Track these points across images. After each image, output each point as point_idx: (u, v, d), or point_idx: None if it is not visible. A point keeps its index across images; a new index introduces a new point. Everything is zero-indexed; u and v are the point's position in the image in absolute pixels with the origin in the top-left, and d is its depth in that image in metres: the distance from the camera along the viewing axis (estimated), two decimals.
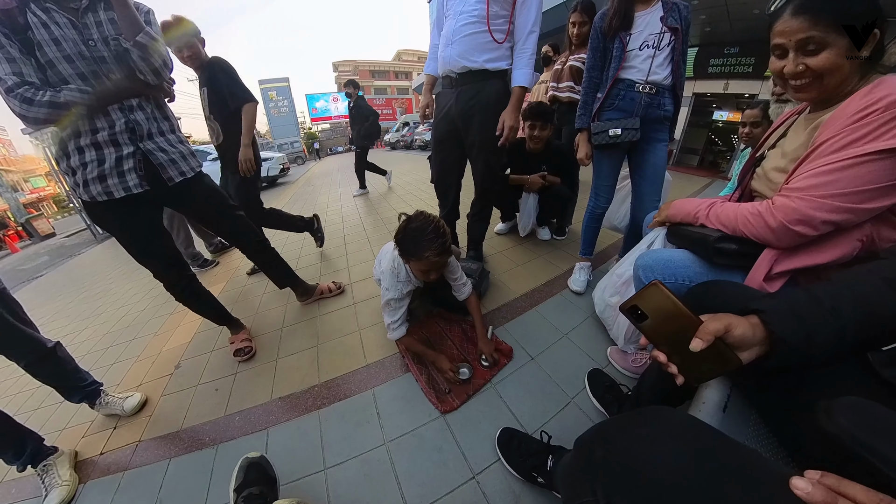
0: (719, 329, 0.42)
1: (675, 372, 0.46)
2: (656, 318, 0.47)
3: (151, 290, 2.36)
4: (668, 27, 1.18)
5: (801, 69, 0.60)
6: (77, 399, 1.17)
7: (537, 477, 0.76)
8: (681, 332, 0.45)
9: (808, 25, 0.57)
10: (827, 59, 0.57)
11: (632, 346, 1.14)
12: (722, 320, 0.43)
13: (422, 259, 1.00)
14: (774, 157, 0.78)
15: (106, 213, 1.08)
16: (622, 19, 1.21)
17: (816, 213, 0.59)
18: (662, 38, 1.20)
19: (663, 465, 0.35)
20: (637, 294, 0.48)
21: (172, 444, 1.06)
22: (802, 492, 0.28)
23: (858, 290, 0.45)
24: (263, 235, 1.52)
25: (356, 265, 2.16)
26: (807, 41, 0.58)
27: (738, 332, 0.43)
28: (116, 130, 1.01)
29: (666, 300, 0.46)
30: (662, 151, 1.36)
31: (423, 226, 1.00)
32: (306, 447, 0.97)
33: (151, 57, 1.01)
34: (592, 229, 1.62)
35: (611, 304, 1.22)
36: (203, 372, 1.38)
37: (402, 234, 1.02)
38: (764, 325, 0.44)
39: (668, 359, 0.47)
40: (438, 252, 0.99)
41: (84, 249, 5.47)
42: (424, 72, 1.65)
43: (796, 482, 0.29)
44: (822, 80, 0.60)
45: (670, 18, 1.17)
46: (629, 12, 1.21)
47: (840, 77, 0.59)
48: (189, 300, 1.34)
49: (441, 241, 0.99)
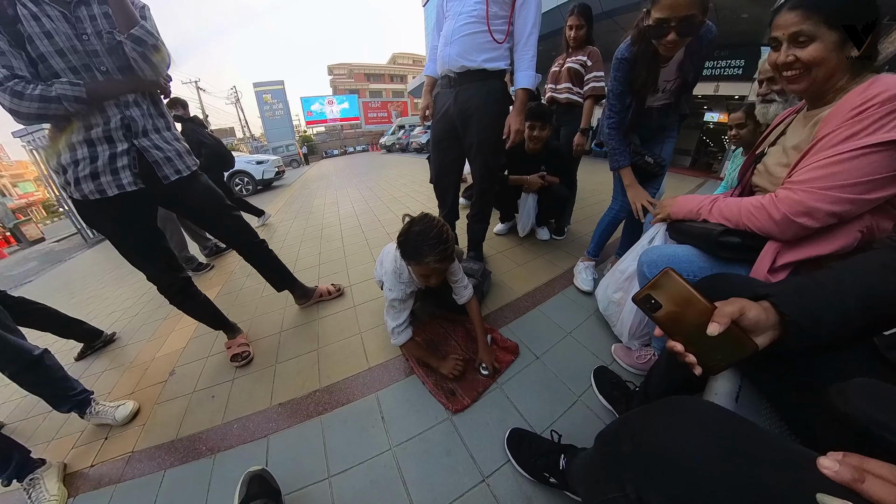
0: (734, 312, 0.43)
1: (692, 362, 0.46)
2: (670, 306, 0.47)
3: (144, 294, 2.30)
4: (682, 75, 1.17)
5: (791, 59, 0.64)
6: (66, 409, 1.13)
7: (549, 477, 0.75)
8: (696, 319, 0.45)
9: (800, 19, 0.61)
10: (815, 50, 0.61)
11: (636, 342, 1.13)
12: (736, 304, 0.44)
13: (422, 264, 0.98)
14: (776, 153, 0.80)
15: (98, 212, 1.05)
16: (652, 79, 1.16)
17: (819, 204, 0.61)
18: (675, 83, 1.20)
19: (694, 455, 0.34)
20: (650, 283, 0.49)
21: (167, 455, 1.02)
22: (830, 471, 0.29)
23: (860, 275, 0.47)
24: (259, 237, 1.48)
25: (355, 267, 2.14)
26: (798, 34, 0.62)
27: (752, 315, 0.44)
28: (111, 127, 0.98)
29: (679, 287, 0.47)
30: (670, 147, 1.39)
31: (426, 230, 0.98)
32: (309, 455, 0.93)
33: (147, 51, 0.98)
34: (608, 233, 1.62)
35: (614, 300, 1.21)
36: (199, 378, 1.34)
37: (405, 236, 1.00)
38: (775, 309, 0.45)
39: (683, 350, 0.46)
40: (439, 258, 0.97)
41: (74, 254, 5.35)
42: (424, 73, 1.65)
43: (823, 462, 0.30)
44: (811, 72, 0.63)
45: (690, 63, 1.14)
46: (656, 73, 1.16)
47: (827, 70, 0.62)
48: (183, 304, 1.30)
49: (443, 247, 0.97)
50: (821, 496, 0.27)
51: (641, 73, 1.15)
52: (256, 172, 7.28)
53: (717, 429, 0.36)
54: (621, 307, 1.18)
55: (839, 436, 0.42)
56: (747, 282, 0.64)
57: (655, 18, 0.99)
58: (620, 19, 7.72)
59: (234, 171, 7.10)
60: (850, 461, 0.29)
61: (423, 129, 12.47)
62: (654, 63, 1.13)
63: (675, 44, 1.01)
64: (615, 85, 1.24)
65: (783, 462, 0.32)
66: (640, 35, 1.09)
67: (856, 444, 0.37)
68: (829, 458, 0.30)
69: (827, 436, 0.44)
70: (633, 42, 1.14)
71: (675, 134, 1.37)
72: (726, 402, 0.56)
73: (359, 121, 23.66)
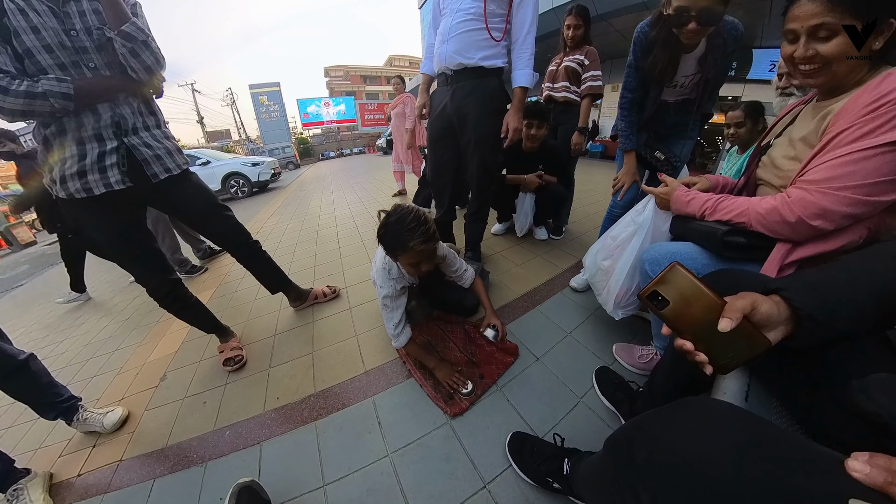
0: (746, 306, 0.41)
1: (703, 360, 0.44)
2: (678, 303, 0.45)
3: (136, 297, 2.26)
4: (702, 71, 1.13)
5: (812, 54, 0.60)
6: (52, 416, 1.09)
7: (553, 483, 0.72)
8: (705, 315, 0.43)
9: (822, 10, 0.56)
10: (837, 46, 0.57)
11: (620, 312, 1.12)
12: (747, 298, 0.42)
13: (408, 250, 0.96)
14: (782, 144, 0.78)
15: (84, 211, 1.02)
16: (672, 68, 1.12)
17: (836, 206, 0.59)
18: (694, 78, 1.16)
19: (717, 461, 0.32)
20: (657, 278, 0.47)
21: (157, 463, 0.98)
22: (860, 473, 0.27)
23: (870, 268, 0.45)
24: (253, 238, 1.45)
25: (351, 269, 2.11)
26: (819, 27, 0.58)
27: (764, 309, 0.42)
28: (101, 125, 0.96)
29: (687, 281, 0.45)
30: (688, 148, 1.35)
31: (403, 217, 0.96)
32: (303, 462, 0.90)
33: (137, 47, 0.95)
34: None
35: (602, 267, 1.18)
36: (190, 383, 1.31)
37: (384, 229, 0.99)
38: (787, 303, 0.43)
39: (694, 350, 0.44)
40: (424, 239, 0.95)
41: None
42: (421, 71, 1.63)
43: (853, 464, 0.28)
44: (832, 67, 0.60)
45: (711, 57, 1.10)
46: (676, 60, 1.11)
47: (849, 65, 0.58)
48: (174, 307, 1.27)
49: (423, 227, 0.95)
50: (854, 502, 0.26)
51: (662, 59, 1.10)
52: (252, 174, 7.22)
53: (739, 432, 0.34)
54: (609, 275, 1.14)
55: (855, 434, 0.40)
56: (755, 277, 0.62)
57: (676, 7, 0.96)
58: (615, 22, 7.78)
59: (230, 173, 7.05)
60: (878, 462, 0.27)
61: None
62: (677, 50, 1.09)
63: (696, 32, 0.98)
64: (632, 60, 1.21)
65: (810, 465, 0.30)
66: (660, 21, 1.06)
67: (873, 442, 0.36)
68: (857, 460, 0.28)
69: (845, 434, 0.42)
70: (653, 25, 1.10)
71: (695, 135, 1.34)
72: (736, 401, 0.54)
73: (355, 123, 23.60)
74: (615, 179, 1.41)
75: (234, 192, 7.17)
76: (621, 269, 1.07)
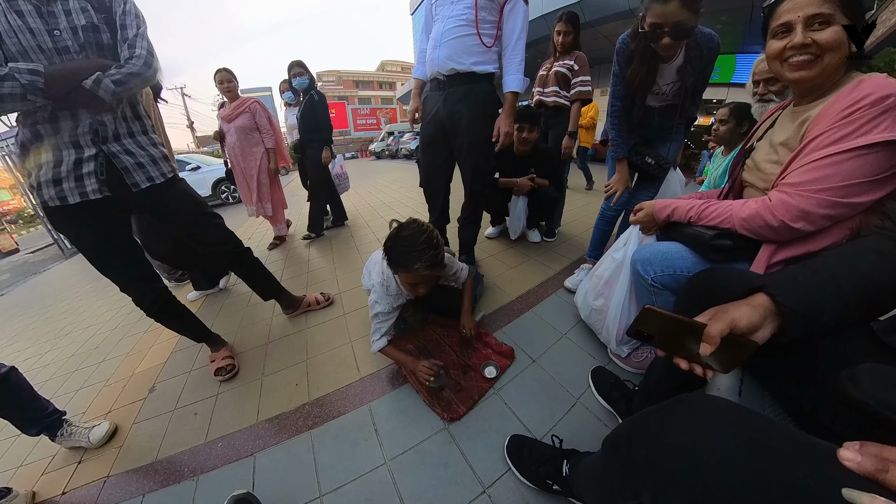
0: (723, 329, 0.42)
1: (700, 373, 0.46)
2: (662, 335, 0.48)
3: (124, 307, 2.20)
4: (681, 79, 1.18)
5: (808, 41, 0.61)
6: (34, 431, 1.05)
7: (552, 484, 0.72)
8: (690, 338, 0.45)
9: (819, 1, 0.59)
10: (833, 34, 0.59)
11: (625, 349, 1.12)
12: (723, 320, 0.43)
13: (410, 271, 0.95)
14: (763, 148, 0.81)
15: (64, 219, 0.99)
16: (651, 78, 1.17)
17: (815, 209, 0.61)
18: (674, 86, 1.21)
19: (719, 458, 0.32)
20: (635, 320, 0.49)
21: (146, 478, 0.95)
22: (852, 462, 0.28)
23: (851, 261, 0.47)
24: (244, 245, 1.43)
25: (344, 275, 2.09)
26: (816, 16, 0.60)
27: (743, 324, 0.43)
28: (79, 131, 0.93)
29: (663, 319, 0.47)
30: (674, 149, 1.39)
31: (415, 234, 0.95)
32: (299, 472, 0.89)
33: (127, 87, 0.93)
34: (602, 231, 1.62)
35: (595, 307, 1.18)
36: (181, 394, 1.27)
37: (392, 241, 0.97)
38: (772, 300, 0.45)
39: (689, 363, 0.47)
40: (429, 265, 0.94)
41: (51, 265, 5.11)
42: (413, 76, 1.64)
43: (844, 454, 0.29)
44: (823, 59, 0.62)
45: (689, 67, 1.15)
46: (654, 70, 1.17)
47: (839, 57, 0.61)
48: (160, 316, 1.23)
49: (433, 252, 0.94)
50: (846, 491, 0.26)
51: (641, 71, 1.16)
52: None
53: (738, 427, 0.34)
54: (604, 314, 1.14)
55: (846, 424, 0.41)
56: (741, 275, 0.63)
57: (650, 23, 1.03)
58: (602, 28, 7.94)
59: (221, 178, 6.95)
60: (869, 450, 0.28)
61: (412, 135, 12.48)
62: (654, 62, 1.15)
63: (670, 46, 1.05)
64: (616, 70, 1.26)
65: (805, 456, 0.31)
66: (637, 36, 1.11)
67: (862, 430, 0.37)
68: (848, 449, 0.29)
69: (835, 425, 0.43)
70: (632, 38, 1.16)
71: (680, 137, 1.38)
72: (730, 396, 0.55)
73: (348, 128, 23.56)
74: (607, 185, 1.44)
75: (224, 197, 7.07)
76: (615, 307, 1.07)
